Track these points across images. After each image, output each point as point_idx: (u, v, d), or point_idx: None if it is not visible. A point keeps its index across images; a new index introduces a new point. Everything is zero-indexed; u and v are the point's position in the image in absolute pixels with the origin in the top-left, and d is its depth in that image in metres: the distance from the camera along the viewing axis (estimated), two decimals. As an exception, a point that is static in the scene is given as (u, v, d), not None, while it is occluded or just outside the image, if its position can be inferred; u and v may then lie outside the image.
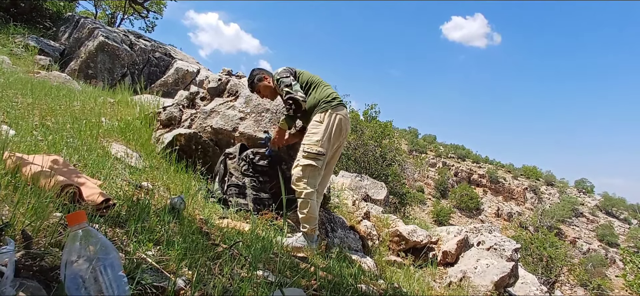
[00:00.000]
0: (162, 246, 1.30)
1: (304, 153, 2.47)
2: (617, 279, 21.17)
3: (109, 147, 2.70)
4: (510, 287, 3.52)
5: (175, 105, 3.83)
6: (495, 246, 3.90)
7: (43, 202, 1.19)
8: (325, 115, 2.53)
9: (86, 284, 0.82)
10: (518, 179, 37.99)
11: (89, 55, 7.49)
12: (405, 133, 38.23)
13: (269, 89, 2.78)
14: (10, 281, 0.79)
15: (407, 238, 3.91)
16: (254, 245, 1.78)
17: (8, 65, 4.89)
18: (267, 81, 2.76)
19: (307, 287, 1.51)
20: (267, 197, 2.94)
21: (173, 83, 8.09)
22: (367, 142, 11.91)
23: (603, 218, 34.92)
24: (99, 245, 0.86)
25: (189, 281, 1.14)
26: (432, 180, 34.15)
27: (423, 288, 2.89)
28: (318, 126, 2.52)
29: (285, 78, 2.62)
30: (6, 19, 8.16)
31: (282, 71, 2.68)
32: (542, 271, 15.10)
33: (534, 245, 15.96)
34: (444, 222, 24.25)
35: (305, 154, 2.47)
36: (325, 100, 2.59)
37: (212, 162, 3.30)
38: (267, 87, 2.77)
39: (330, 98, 2.59)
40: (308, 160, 2.45)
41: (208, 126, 3.41)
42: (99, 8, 16.37)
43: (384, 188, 6.38)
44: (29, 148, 1.85)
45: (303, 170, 2.44)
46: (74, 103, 3.64)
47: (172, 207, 1.78)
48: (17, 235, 1.00)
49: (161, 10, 16.82)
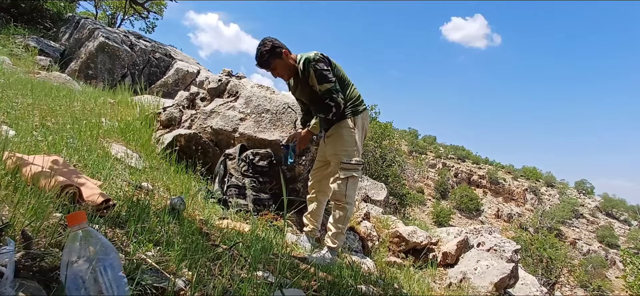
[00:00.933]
0: (162, 247, 1.30)
1: (343, 165, 2.26)
2: (618, 280, 21.16)
3: (109, 147, 2.70)
4: (510, 288, 3.52)
5: (176, 105, 3.83)
6: (495, 248, 3.90)
7: (43, 202, 1.19)
8: (357, 118, 2.34)
9: (86, 284, 0.82)
10: (518, 180, 37.99)
11: (89, 55, 7.50)
12: (405, 134, 38.22)
13: (288, 68, 2.29)
14: (10, 281, 0.79)
15: (407, 239, 3.91)
16: (254, 245, 1.77)
17: (8, 66, 4.90)
18: (290, 58, 2.28)
19: (307, 288, 1.51)
20: (267, 198, 2.94)
21: (173, 83, 8.10)
22: (367, 143, 11.91)
23: (603, 220, 34.91)
24: (99, 245, 0.86)
25: (189, 282, 1.14)
26: (432, 181, 34.15)
27: (423, 289, 2.89)
28: (351, 133, 2.30)
29: (326, 72, 2.21)
30: (7, 19, 8.17)
31: (321, 60, 2.23)
32: (542, 272, 15.09)
33: (534, 246, 15.96)
34: (444, 223, 24.24)
35: (345, 166, 2.26)
36: (355, 102, 2.37)
37: (212, 162, 3.30)
38: (287, 66, 2.27)
39: (359, 101, 2.39)
40: (349, 172, 2.26)
41: (208, 127, 3.41)
42: (99, 9, 16.39)
43: (384, 189, 6.38)
44: (29, 149, 1.85)
45: (345, 184, 2.25)
46: (74, 104, 3.65)
47: (172, 208, 1.78)
48: (17, 236, 1.00)
49: (161, 10, 16.85)
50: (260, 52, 2.23)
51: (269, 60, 2.23)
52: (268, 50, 2.21)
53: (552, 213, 31.63)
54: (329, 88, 2.20)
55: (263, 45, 2.23)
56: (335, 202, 2.31)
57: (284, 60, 2.25)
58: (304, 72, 2.24)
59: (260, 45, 2.25)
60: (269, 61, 2.23)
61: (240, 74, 4.36)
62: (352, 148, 2.29)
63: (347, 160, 2.27)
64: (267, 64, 2.24)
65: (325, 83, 2.20)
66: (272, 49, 2.22)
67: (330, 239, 2.32)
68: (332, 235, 2.31)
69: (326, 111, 2.23)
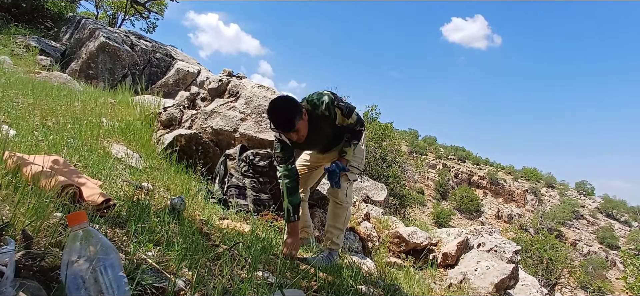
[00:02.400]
0: (162, 247, 1.30)
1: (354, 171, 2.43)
2: (618, 281, 21.14)
3: (110, 147, 2.70)
4: (511, 289, 3.52)
5: (176, 105, 3.83)
6: (496, 248, 3.89)
7: (43, 202, 1.20)
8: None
9: (86, 284, 0.82)
10: (518, 181, 37.97)
11: (90, 55, 7.51)
12: (405, 135, 38.22)
13: (306, 123, 2.10)
14: (11, 281, 0.79)
15: (407, 239, 3.90)
16: (254, 246, 1.77)
17: (9, 66, 4.90)
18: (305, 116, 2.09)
19: (307, 288, 1.51)
20: (267, 198, 2.94)
21: (174, 84, 8.10)
22: (367, 144, 11.92)
23: (603, 221, 34.87)
24: (99, 245, 0.86)
25: (189, 282, 1.14)
26: (433, 181, 34.14)
27: (423, 290, 2.88)
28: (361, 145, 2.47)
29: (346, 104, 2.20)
30: (7, 19, 8.19)
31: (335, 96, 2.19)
32: (543, 273, 15.08)
33: (535, 247, 15.95)
34: (444, 224, 24.23)
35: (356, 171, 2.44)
36: None
37: (212, 162, 3.30)
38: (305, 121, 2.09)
39: None
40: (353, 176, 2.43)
41: (208, 127, 3.42)
42: (100, 9, 16.42)
43: (384, 190, 6.38)
44: (29, 149, 1.86)
45: (350, 188, 2.40)
46: (74, 104, 3.65)
47: (172, 208, 1.78)
48: (18, 235, 1.00)
49: (162, 11, 16.86)
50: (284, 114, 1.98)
51: (295, 122, 1.97)
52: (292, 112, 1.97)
53: (553, 214, 31.61)
54: (357, 115, 2.24)
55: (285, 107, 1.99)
56: (337, 203, 2.36)
57: (304, 119, 2.05)
58: (330, 114, 2.16)
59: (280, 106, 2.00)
60: (294, 123, 1.97)
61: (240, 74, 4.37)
62: (361, 159, 2.48)
63: (357, 166, 2.43)
64: (293, 127, 1.97)
65: (352, 114, 2.20)
66: (295, 108, 1.99)
67: (333, 240, 2.36)
68: (335, 235, 2.36)
69: (359, 136, 2.32)
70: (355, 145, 2.33)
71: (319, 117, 2.16)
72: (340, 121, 2.21)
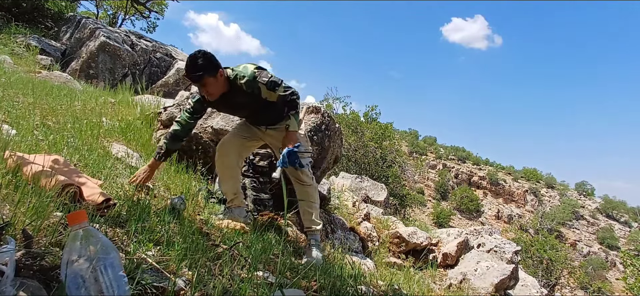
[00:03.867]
0: (163, 247, 1.30)
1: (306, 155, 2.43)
2: (618, 282, 21.16)
3: (110, 147, 2.70)
4: (511, 290, 3.52)
5: (176, 105, 3.83)
6: (496, 249, 3.89)
7: (44, 201, 1.20)
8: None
9: (86, 284, 0.82)
10: (518, 181, 37.97)
11: (90, 55, 7.51)
12: (405, 135, 38.21)
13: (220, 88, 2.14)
14: (11, 280, 0.79)
15: (407, 240, 3.91)
16: (254, 245, 1.78)
17: (9, 65, 4.91)
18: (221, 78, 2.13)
19: (307, 288, 1.51)
20: (267, 198, 2.94)
21: (174, 83, 8.11)
22: (367, 144, 11.91)
23: (603, 221, 34.87)
24: (99, 244, 0.86)
25: (189, 282, 1.14)
26: (433, 182, 34.14)
27: (423, 290, 2.89)
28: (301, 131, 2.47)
29: (271, 78, 2.18)
30: (8, 18, 8.19)
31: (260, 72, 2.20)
32: (543, 274, 15.09)
33: (534, 247, 15.96)
34: (444, 224, 24.23)
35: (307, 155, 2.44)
36: None
37: (212, 162, 3.29)
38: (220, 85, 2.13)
39: None
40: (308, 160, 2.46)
41: (209, 127, 3.42)
42: (100, 8, 16.42)
43: (384, 190, 6.38)
44: (29, 148, 1.86)
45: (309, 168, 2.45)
46: (74, 103, 3.65)
47: (172, 207, 1.78)
48: (18, 235, 1.00)
49: (162, 10, 16.88)
50: (194, 64, 2.01)
51: (204, 75, 2.02)
52: (203, 65, 2.01)
53: (553, 215, 31.60)
54: (285, 86, 2.21)
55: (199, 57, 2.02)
56: (303, 183, 2.39)
57: (217, 79, 2.08)
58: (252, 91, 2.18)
59: (195, 55, 2.04)
60: (203, 76, 2.02)
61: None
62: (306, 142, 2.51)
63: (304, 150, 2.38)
64: (200, 78, 2.02)
65: (278, 88, 2.18)
66: (208, 64, 2.03)
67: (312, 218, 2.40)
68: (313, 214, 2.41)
69: (295, 105, 2.24)
70: (294, 115, 2.26)
71: (239, 88, 2.18)
72: (266, 95, 2.20)
